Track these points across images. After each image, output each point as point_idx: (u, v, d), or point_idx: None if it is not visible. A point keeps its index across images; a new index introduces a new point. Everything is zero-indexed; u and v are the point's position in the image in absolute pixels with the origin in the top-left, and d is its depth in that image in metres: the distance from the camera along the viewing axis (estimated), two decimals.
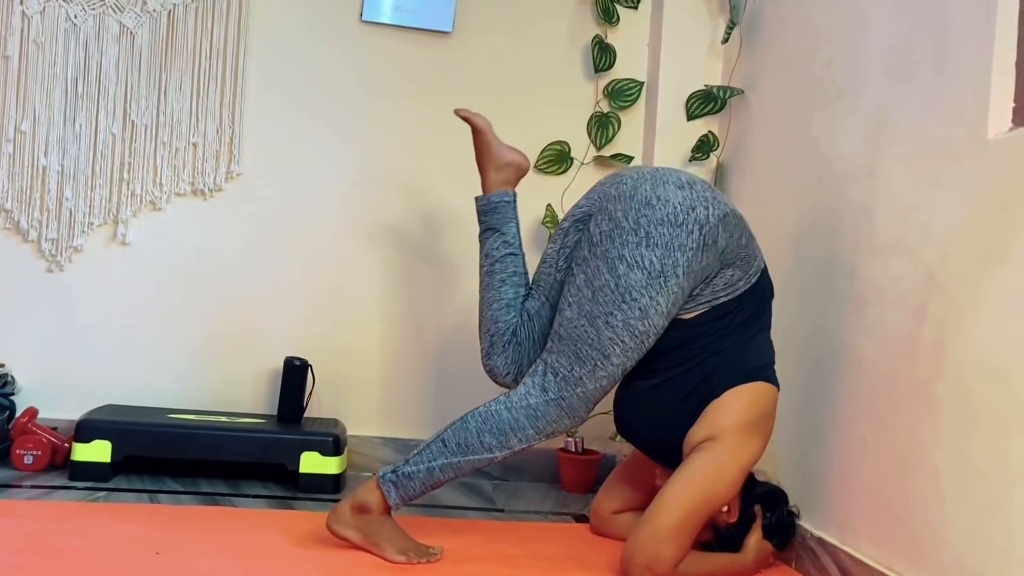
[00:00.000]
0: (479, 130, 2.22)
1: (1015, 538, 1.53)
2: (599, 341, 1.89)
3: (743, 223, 1.98)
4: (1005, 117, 1.67)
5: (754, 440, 1.94)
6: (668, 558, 1.84)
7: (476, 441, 1.93)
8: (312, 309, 2.83)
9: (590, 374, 1.91)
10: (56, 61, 2.67)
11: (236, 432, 2.48)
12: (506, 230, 2.18)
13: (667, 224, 1.87)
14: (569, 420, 1.95)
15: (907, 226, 1.89)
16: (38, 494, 2.25)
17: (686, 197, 1.89)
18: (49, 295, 2.70)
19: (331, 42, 2.84)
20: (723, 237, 1.91)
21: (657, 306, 1.87)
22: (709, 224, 1.88)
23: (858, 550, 1.95)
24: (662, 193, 1.89)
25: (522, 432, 1.93)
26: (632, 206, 1.90)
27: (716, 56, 2.89)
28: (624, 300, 1.87)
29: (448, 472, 1.94)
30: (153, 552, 1.84)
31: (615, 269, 1.88)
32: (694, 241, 1.87)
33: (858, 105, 2.11)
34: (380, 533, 1.94)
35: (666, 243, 1.86)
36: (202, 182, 2.76)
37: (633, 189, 1.93)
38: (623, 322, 1.87)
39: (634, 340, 1.89)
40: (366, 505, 1.95)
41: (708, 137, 2.84)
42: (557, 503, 2.64)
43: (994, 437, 1.60)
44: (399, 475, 1.95)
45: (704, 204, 1.90)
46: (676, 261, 1.86)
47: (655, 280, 1.86)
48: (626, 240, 1.88)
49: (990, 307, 1.63)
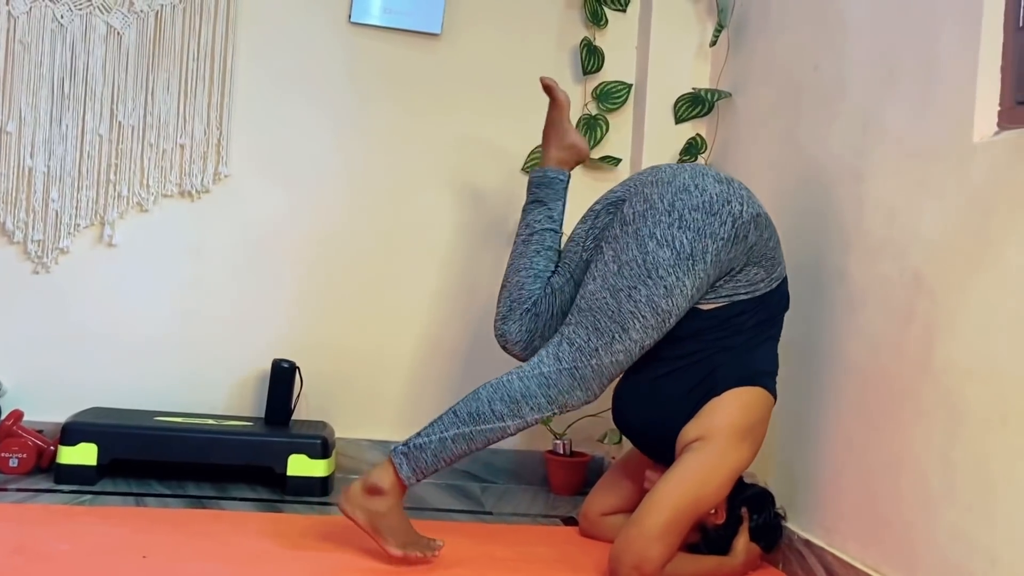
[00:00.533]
0: (558, 104, 2.30)
1: (1000, 539, 1.54)
2: (619, 314, 1.90)
3: (773, 228, 2.01)
4: (991, 121, 1.68)
5: (745, 446, 1.94)
6: (655, 558, 1.84)
7: (487, 409, 1.91)
8: (300, 311, 2.82)
9: (607, 346, 1.90)
10: (42, 61, 2.66)
11: (223, 435, 2.47)
12: (554, 206, 2.25)
13: (702, 211, 1.89)
14: (581, 393, 1.93)
15: (894, 229, 1.89)
16: (23, 497, 2.24)
17: (723, 190, 1.93)
18: (35, 297, 2.68)
19: (319, 43, 2.84)
20: (754, 234, 1.93)
21: (683, 287, 1.89)
22: (743, 219, 1.91)
23: (845, 552, 1.95)
24: (700, 183, 1.93)
25: (533, 400, 1.91)
26: (669, 190, 1.93)
27: (704, 59, 2.90)
28: (650, 276, 1.88)
29: (460, 444, 1.92)
30: (139, 556, 1.83)
31: (644, 246, 1.90)
32: (726, 232, 1.89)
33: (845, 109, 2.12)
34: (386, 522, 1.92)
35: (698, 228, 1.88)
36: (189, 183, 2.75)
37: (672, 176, 1.97)
38: (647, 298, 1.88)
39: (655, 317, 1.90)
40: (378, 486, 1.92)
41: (696, 140, 2.84)
42: (545, 506, 2.64)
43: (979, 439, 1.61)
44: (411, 447, 1.93)
45: (740, 200, 1.93)
46: (706, 247, 1.88)
47: (683, 261, 1.88)
48: (659, 220, 1.90)
49: (976, 310, 1.64)
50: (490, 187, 2.92)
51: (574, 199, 2.91)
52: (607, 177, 2.96)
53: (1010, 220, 1.58)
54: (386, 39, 2.87)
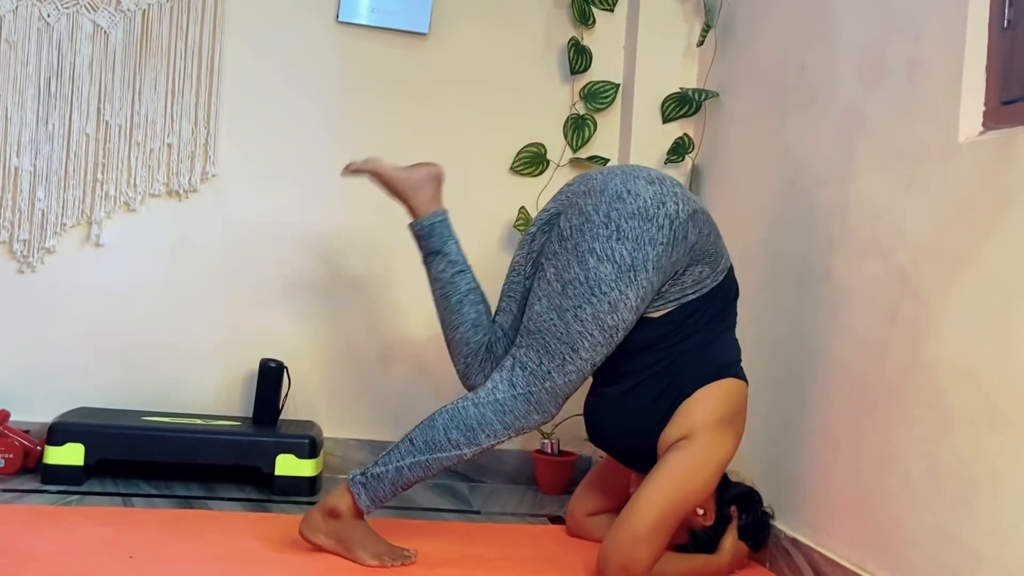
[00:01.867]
0: (374, 173, 2.22)
1: (985, 537, 1.55)
2: (568, 335, 1.88)
3: (711, 221, 1.99)
4: (976, 121, 1.69)
5: (728, 437, 1.95)
6: (643, 559, 1.85)
7: (443, 438, 1.91)
8: (288, 311, 2.82)
9: (559, 368, 1.90)
10: (29, 61, 2.64)
11: (211, 435, 2.46)
12: (447, 249, 2.18)
13: (638, 218, 1.87)
14: (538, 416, 1.93)
15: (879, 229, 1.90)
16: (10, 498, 2.23)
17: (656, 192, 1.90)
18: (21, 297, 2.67)
19: (307, 43, 2.83)
20: (693, 232, 1.91)
21: (627, 300, 1.87)
22: (679, 219, 1.89)
23: (831, 550, 1.96)
24: (632, 187, 1.90)
25: (489, 428, 1.91)
26: (603, 200, 1.90)
27: (691, 59, 2.90)
28: (594, 293, 1.87)
29: (417, 471, 1.92)
30: (127, 556, 1.83)
31: (585, 262, 1.88)
32: (664, 236, 1.87)
33: (831, 109, 2.13)
34: (353, 538, 1.93)
35: (636, 237, 1.86)
36: (177, 183, 2.74)
37: (604, 184, 1.93)
38: (592, 315, 1.87)
39: (603, 334, 1.89)
40: (336, 510, 1.93)
41: (683, 139, 2.85)
42: (533, 505, 2.64)
43: (964, 438, 1.62)
44: (368, 476, 1.93)
45: (674, 199, 1.90)
46: (647, 255, 1.87)
47: (625, 274, 1.86)
48: (596, 233, 1.88)
49: (961, 309, 1.65)
50: (479, 185, 2.92)
51: None
52: None
53: (995, 220, 1.59)
54: (374, 38, 2.87)
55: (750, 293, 2.44)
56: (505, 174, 2.94)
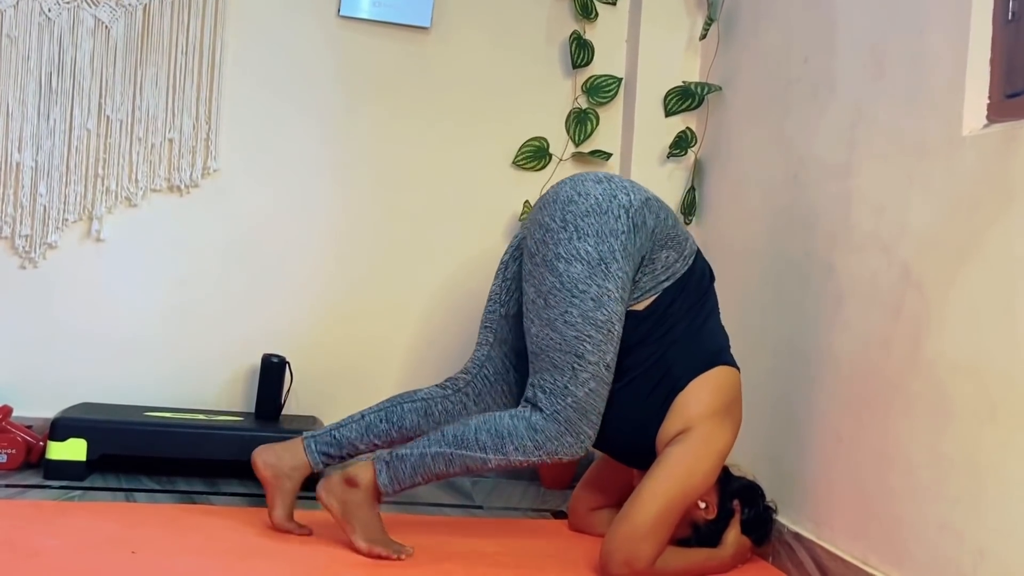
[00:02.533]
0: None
1: (988, 532, 1.55)
2: (567, 343, 1.88)
3: (667, 207, 2.02)
4: (980, 114, 1.69)
5: (726, 427, 1.96)
6: (646, 554, 1.85)
7: (472, 436, 1.90)
8: (290, 306, 2.81)
9: (573, 380, 1.88)
10: (30, 55, 2.64)
11: (213, 430, 2.46)
12: (341, 435, 2.10)
13: (593, 214, 1.90)
14: (571, 438, 1.89)
15: (883, 223, 1.90)
16: (12, 493, 2.23)
17: (606, 188, 1.94)
18: (23, 292, 2.67)
19: (309, 37, 2.83)
20: (650, 218, 1.94)
21: (608, 292, 1.88)
22: (634, 207, 1.92)
23: (834, 545, 1.96)
24: (582, 189, 1.94)
25: (519, 440, 1.89)
26: (557, 208, 1.94)
27: (694, 52, 2.89)
28: (574, 295, 1.88)
29: (440, 463, 1.91)
30: (129, 551, 1.83)
31: (556, 269, 1.89)
32: (623, 224, 1.90)
33: (834, 102, 2.12)
34: (358, 515, 1.92)
35: (596, 231, 1.89)
36: (178, 178, 2.74)
37: (555, 194, 1.98)
38: (581, 316, 1.87)
39: (600, 332, 1.88)
40: (355, 479, 1.93)
41: (686, 133, 2.84)
42: (536, 500, 2.64)
43: (967, 432, 1.61)
44: (393, 456, 1.93)
45: (624, 191, 1.94)
46: (612, 246, 1.89)
47: (597, 268, 1.88)
48: (558, 239, 1.90)
49: (964, 303, 1.65)
50: (481, 180, 2.92)
51: None
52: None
53: (999, 214, 1.58)
54: (375, 33, 2.87)
55: (752, 287, 2.43)
56: (507, 168, 2.93)
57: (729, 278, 2.59)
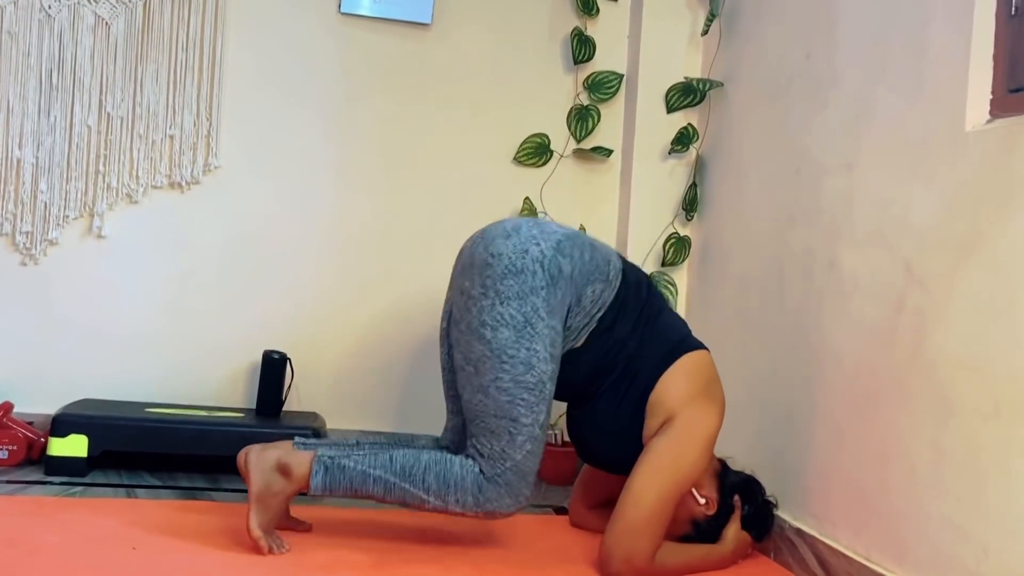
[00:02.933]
0: None
1: (991, 528, 1.55)
2: (501, 408, 1.87)
3: (580, 239, 1.98)
4: (983, 109, 1.68)
5: (708, 408, 1.96)
6: (644, 548, 1.86)
7: (419, 475, 1.87)
8: (291, 302, 2.81)
9: (510, 444, 1.87)
10: (30, 52, 2.64)
11: (215, 426, 2.46)
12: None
13: (510, 275, 1.87)
14: (510, 500, 1.88)
15: (885, 218, 1.89)
16: (13, 489, 2.23)
17: (515, 243, 1.91)
18: (24, 288, 2.67)
19: (309, 33, 2.82)
20: (565, 264, 1.91)
21: (537, 353, 1.87)
22: (547, 257, 1.89)
23: (836, 541, 1.96)
24: (493, 249, 1.91)
25: (462, 494, 1.87)
26: (474, 273, 1.92)
27: (696, 48, 2.89)
28: (504, 361, 1.86)
29: (378, 487, 1.88)
30: (130, 547, 1.83)
31: (483, 337, 1.88)
32: (541, 279, 1.88)
33: (836, 98, 2.12)
34: (271, 503, 1.86)
35: (517, 292, 1.87)
36: (179, 175, 2.74)
37: (470, 257, 1.95)
38: (512, 381, 1.86)
39: (532, 394, 1.87)
40: (289, 469, 1.88)
41: (688, 130, 2.84)
42: (537, 495, 2.64)
43: (970, 428, 1.61)
44: (334, 464, 1.89)
45: (534, 241, 1.91)
46: (534, 305, 1.87)
47: (523, 331, 1.86)
48: (481, 306, 1.88)
49: (966, 299, 1.64)
50: (482, 176, 2.92)
51: (571, 194, 2.92)
52: (599, 168, 2.96)
53: (1002, 209, 1.58)
54: (376, 29, 2.86)
55: (755, 283, 2.43)
56: (508, 165, 2.93)
57: (731, 274, 2.58)
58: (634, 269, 2.07)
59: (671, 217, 2.87)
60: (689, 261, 2.86)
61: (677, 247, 2.84)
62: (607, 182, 2.97)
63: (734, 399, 2.48)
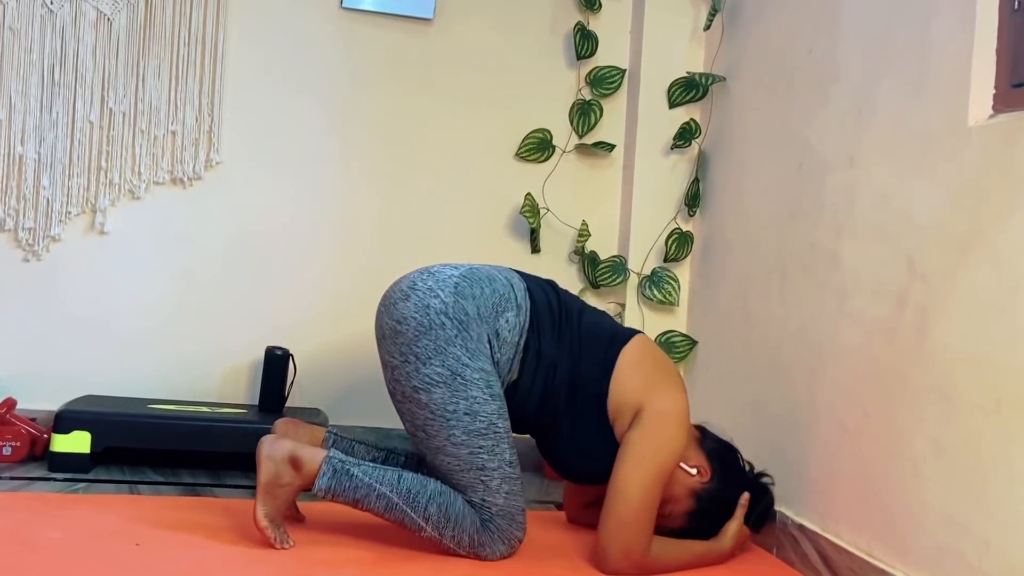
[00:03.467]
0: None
1: (993, 523, 1.54)
2: (463, 462, 1.88)
3: (476, 274, 1.99)
4: (986, 104, 1.68)
5: (670, 388, 1.98)
6: (638, 539, 1.87)
7: (423, 503, 1.87)
8: (293, 298, 2.81)
9: (487, 492, 1.88)
10: (32, 48, 2.64)
11: (217, 422, 2.46)
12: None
13: (421, 336, 1.88)
14: (504, 547, 1.90)
15: (887, 213, 1.89)
16: (16, 485, 2.23)
17: (415, 302, 1.91)
18: (26, 285, 2.67)
19: (311, 28, 2.82)
20: (469, 305, 1.92)
21: (476, 399, 1.87)
22: (448, 304, 1.90)
23: (839, 537, 1.96)
24: (397, 315, 1.92)
25: (459, 532, 1.87)
26: (389, 344, 1.93)
27: (698, 43, 2.88)
28: (448, 418, 1.87)
29: (380, 503, 1.88)
30: (133, 544, 1.83)
31: (419, 402, 1.88)
32: (451, 329, 1.88)
33: (839, 92, 2.11)
34: (279, 493, 1.87)
35: (435, 349, 1.87)
36: (181, 170, 2.74)
37: (381, 330, 1.97)
38: (465, 432, 1.87)
39: (487, 439, 1.88)
40: (300, 464, 1.88)
41: (690, 125, 2.83)
42: (539, 491, 2.64)
43: (972, 423, 1.61)
44: (343, 469, 1.88)
45: (432, 294, 1.91)
46: (456, 355, 1.87)
47: (455, 383, 1.86)
48: (407, 374, 1.89)
49: (969, 294, 1.64)
50: (484, 171, 2.91)
51: (573, 190, 2.91)
52: (601, 164, 2.95)
53: (1004, 204, 1.57)
54: (378, 24, 2.86)
55: (757, 278, 2.43)
56: (511, 160, 2.92)
57: (733, 269, 2.58)
58: (537, 282, 2.08)
59: (673, 212, 2.86)
60: (691, 256, 2.85)
61: (679, 242, 2.83)
62: (609, 177, 2.97)
63: (736, 395, 2.49)
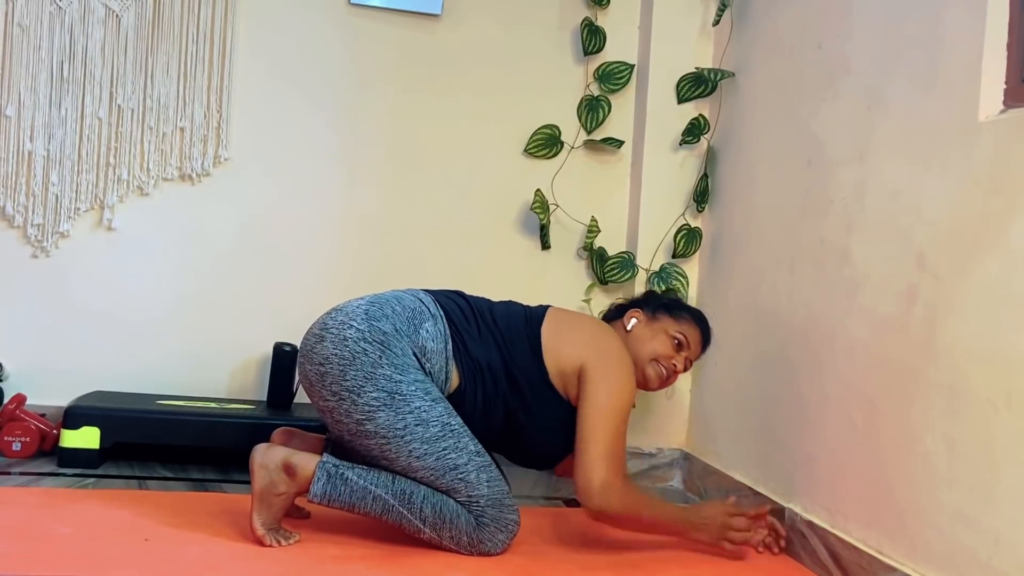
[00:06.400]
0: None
1: (1003, 520, 1.54)
2: (434, 469, 1.89)
3: (382, 298, 2.01)
4: (996, 99, 1.67)
5: (598, 333, 2.08)
6: (615, 470, 1.94)
7: (418, 503, 1.88)
8: (301, 294, 2.81)
9: (468, 486, 1.90)
10: (41, 45, 2.64)
11: (226, 418, 2.47)
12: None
13: (346, 367, 1.89)
14: (503, 535, 1.92)
15: (898, 209, 1.88)
16: (26, 481, 2.24)
17: (333, 337, 1.93)
18: (35, 281, 2.68)
19: (319, 25, 2.82)
20: (385, 324, 1.93)
21: (420, 408, 1.88)
22: (363, 331, 1.92)
23: (848, 533, 1.95)
24: (318, 358, 1.93)
25: (455, 532, 1.89)
26: (320, 389, 1.93)
27: (707, 38, 2.87)
28: (402, 437, 1.87)
29: (377, 505, 1.89)
30: (142, 539, 1.84)
31: (369, 432, 1.88)
32: (373, 352, 1.89)
33: (849, 87, 2.10)
34: (275, 502, 1.87)
35: (363, 377, 1.88)
36: (189, 167, 2.74)
37: (307, 379, 1.97)
38: (424, 443, 1.88)
39: (447, 439, 1.90)
40: (294, 470, 1.88)
41: (699, 120, 2.82)
42: (548, 487, 2.64)
43: (983, 420, 1.60)
44: (338, 474, 1.89)
45: (346, 326, 1.93)
46: (386, 375, 1.88)
47: (395, 402, 1.87)
48: (346, 410, 1.89)
49: (980, 290, 1.63)
50: (493, 168, 2.91)
51: (581, 186, 2.91)
52: (609, 160, 2.95)
53: (1015, 199, 1.56)
54: (386, 20, 2.86)
55: (767, 274, 2.42)
56: (519, 156, 2.92)
57: (742, 265, 2.57)
58: (444, 293, 2.11)
59: (682, 208, 2.86)
60: (700, 252, 2.85)
61: (688, 238, 2.83)
62: (618, 173, 2.96)
63: (745, 391, 2.48)
